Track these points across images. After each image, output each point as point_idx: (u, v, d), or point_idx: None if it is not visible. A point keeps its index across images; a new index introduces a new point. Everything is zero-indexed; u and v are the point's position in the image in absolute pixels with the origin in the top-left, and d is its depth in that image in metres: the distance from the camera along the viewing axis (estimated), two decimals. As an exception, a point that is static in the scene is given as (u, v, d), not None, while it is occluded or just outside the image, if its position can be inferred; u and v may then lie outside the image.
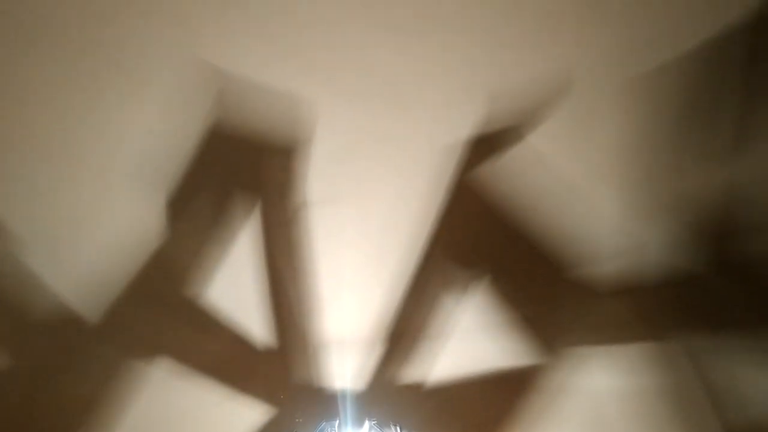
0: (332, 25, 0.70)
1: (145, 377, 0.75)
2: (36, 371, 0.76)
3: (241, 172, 0.74)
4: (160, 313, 0.75)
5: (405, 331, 0.76)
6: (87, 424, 0.76)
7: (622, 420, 0.79)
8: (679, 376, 0.77)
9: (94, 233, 0.73)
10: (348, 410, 0.72)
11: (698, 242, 0.74)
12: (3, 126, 0.70)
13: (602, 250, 0.74)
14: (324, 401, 0.75)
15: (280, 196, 0.73)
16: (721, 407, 0.77)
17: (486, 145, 0.73)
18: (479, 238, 0.74)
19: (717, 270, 0.74)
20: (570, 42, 0.72)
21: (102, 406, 0.75)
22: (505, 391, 0.78)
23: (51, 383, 0.76)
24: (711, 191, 0.73)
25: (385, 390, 0.76)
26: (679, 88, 0.72)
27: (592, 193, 0.74)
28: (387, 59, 0.71)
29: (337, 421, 0.64)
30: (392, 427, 0.63)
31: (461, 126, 0.73)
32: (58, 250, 0.73)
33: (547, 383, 0.77)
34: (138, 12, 0.68)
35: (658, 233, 0.74)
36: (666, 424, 0.79)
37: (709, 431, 0.79)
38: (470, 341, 0.76)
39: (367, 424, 0.63)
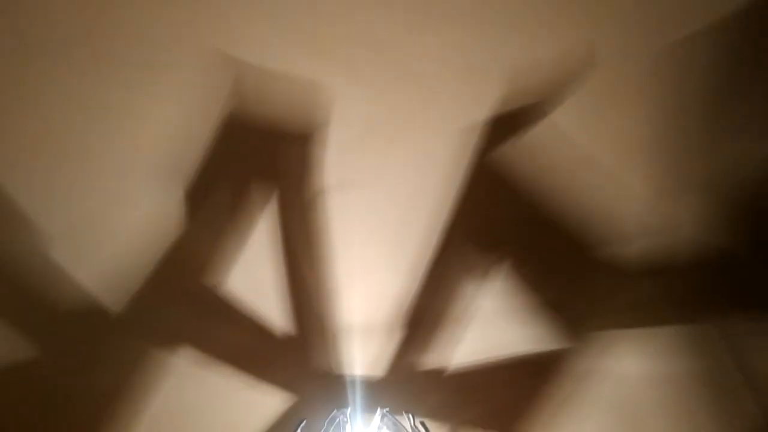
0: (347, 11, 0.69)
1: (167, 366, 0.76)
2: (62, 361, 0.77)
3: (258, 160, 0.73)
4: (181, 303, 0.75)
5: (425, 316, 0.74)
6: (111, 411, 0.77)
7: (652, 406, 0.77)
8: (714, 360, 0.74)
9: (115, 227, 0.74)
10: (361, 398, 0.71)
11: (733, 220, 0.70)
12: (26, 131, 0.71)
13: (631, 230, 0.71)
14: (342, 388, 0.75)
15: (298, 183, 0.73)
16: (759, 392, 0.74)
17: (506, 125, 0.71)
18: (501, 220, 0.72)
19: (753, 248, 0.70)
20: (592, 15, 0.69)
21: (125, 395, 0.76)
22: (528, 376, 0.76)
23: (77, 372, 0.77)
24: (746, 166, 0.70)
25: (404, 376, 0.75)
26: (709, 59, 0.68)
27: (620, 171, 0.71)
28: (403, 42, 0.70)
29: (349, 409, 0.62)
30: (405, 415, 0.61)
31: (480, 106, 0.71)
32: (82, 245, 0.74)
33: (573, 368, 0.75)
34: (150, 3, 0.68)
35: (691, 211, 0.70)
36: (700, 410, 0.76)
37: (747, 417, 0.76)
38: (492, 327, 0.74)
39: (379, 412, 0.62)
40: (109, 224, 0.74)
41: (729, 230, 0.70)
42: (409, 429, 0.61)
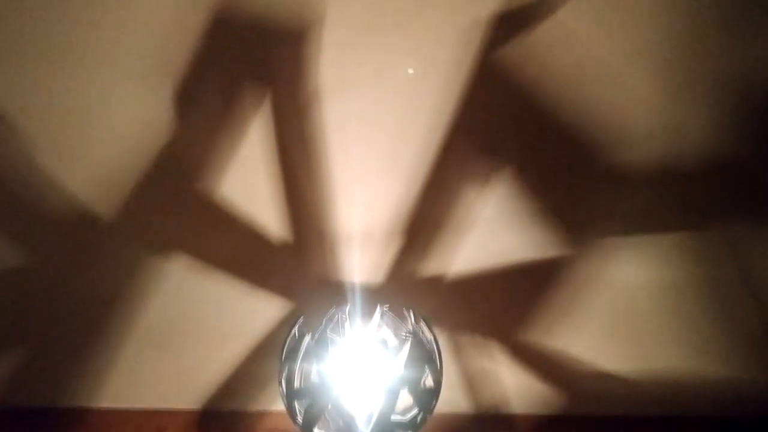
0: None
1: (162, 273, 0.74)
2: (53, 268, 0.76)
3: (251, 59, 0.70)
4: (174, 208, 0.73)
5: (425, 222, 0.73)
6: (105, 319, 0.76)
7: (654, 314, 0.76)
8: (717, 268, 0.73)
9: (103, 130, 0.71)
10: (361, 299, 0.70)
11: (742, 124, 0.68)
12: (6, 30, 0.67)
13: (636, 134, 0.69)
14: (341, 294, 0.74)
15: (291, 84, 0.70)
16: (763, 301, 0.73)
17: (511, 23, 0.68)
18: (503, 123, 0.70)
19: (761, 155, 0.69)
20: None
21: (121, 302, 0.75)
22: (528, 283, 0.75)
23: (69, 280, 0.76)
24: (758, 71, 0.67)
25: (403, 283, 0.74)
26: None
27: (626, 71, 0.68)
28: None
29: (348, 307, 0.61)
30: (405, 313, 0.60)
31: (485, 3, 0.67)
32: (68, 148, 0.71)
33: (574, 275, 0.74)
34: None
35: (699, 114, 0.68)
36: (702, 318, 0.75)
37: (748, 326, 0.75)
38: (493, 232, 0.73)
39: (378, 309, 0.60)
40: (97, 126, 0.71)
41: (737, 136, 0.68)
42: (410, 327, 0.60)
